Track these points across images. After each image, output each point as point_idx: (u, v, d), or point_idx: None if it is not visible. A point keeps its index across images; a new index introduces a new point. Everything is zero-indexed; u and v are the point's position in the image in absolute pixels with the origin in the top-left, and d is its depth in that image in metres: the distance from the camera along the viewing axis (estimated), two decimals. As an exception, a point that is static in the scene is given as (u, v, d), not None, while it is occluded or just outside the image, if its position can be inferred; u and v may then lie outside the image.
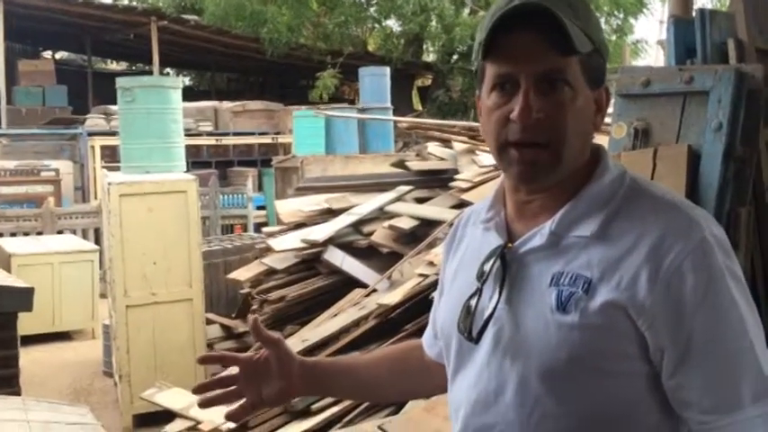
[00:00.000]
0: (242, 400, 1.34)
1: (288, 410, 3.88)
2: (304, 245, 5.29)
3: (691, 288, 1.05)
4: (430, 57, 19.59)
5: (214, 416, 4.00)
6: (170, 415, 4.63)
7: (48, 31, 17.12)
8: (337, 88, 16.68)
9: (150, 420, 5.36)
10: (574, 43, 1.07)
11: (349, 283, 5.02)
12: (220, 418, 3.89)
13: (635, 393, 1.09)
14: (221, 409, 1.41)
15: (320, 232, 5.30)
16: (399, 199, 5.54)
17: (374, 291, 4.68)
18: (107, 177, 6.14)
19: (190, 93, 15.96)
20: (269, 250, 5.62)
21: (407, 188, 5.67)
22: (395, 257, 4.92)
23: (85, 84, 17.21)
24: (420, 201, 5.59)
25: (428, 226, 5.00)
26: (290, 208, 6.10)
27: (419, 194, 5.69)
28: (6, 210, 10.36)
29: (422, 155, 6.65)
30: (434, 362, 1.39)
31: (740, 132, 2.42)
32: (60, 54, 21.73)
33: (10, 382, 4.37)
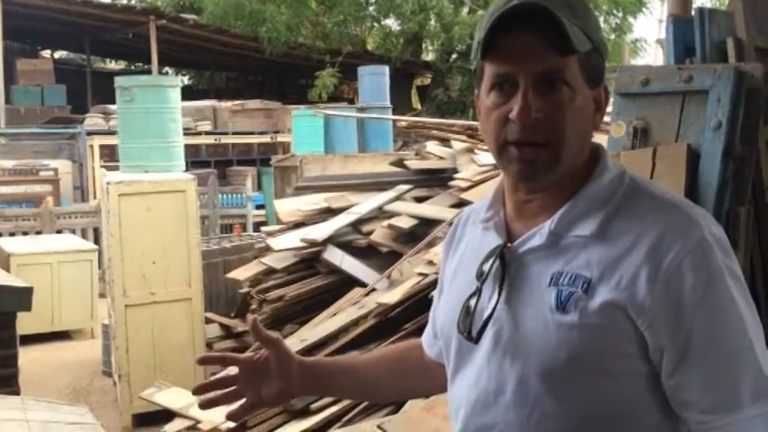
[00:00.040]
0: (242, 401, 1.34)
1: (287, 410, 3.88)
2: (303, 244, 5.28)
3: (690, 287, 1.05)
4: (429, 56, 19.60)
5: (213, 415, 4.00)
6: (169, 414, 4.63)
7: (46, 31, 17.10)
8: (336, 87, 16.68)
9: (149, 420, 5.36)
10: (572, 43, 1.06)
11: (348, 283, 5.02)
12: (219, 418, 3.90)
13: (634, 393, 1.09)
14: (221, 409, 1.41)
15: (319, 231, 5.30)
16: (398, 198, 5.53)
17: (373, 290, 4.67)
18: (106, 177, 6.13)
19: (189, 92, 15.95)
20: (268, 249, 5.62)
21: (406, 187, 5.66)
22: (394, 257, 4.92)
23: (84, 83, 17.20)
24: (419, 200, 5.59)
25: (427, 225, 5.00)
26: (289, 207, 6.09)
27: (418, 193, 5.69)
28: (5, 209, 10.35)
29: (421, 154, 6.65)
30: (434, 361, 1.39)
31: (739, 131, 2.42)
32: (59, 53, 21.70)
33: (9, 382, 4.36)
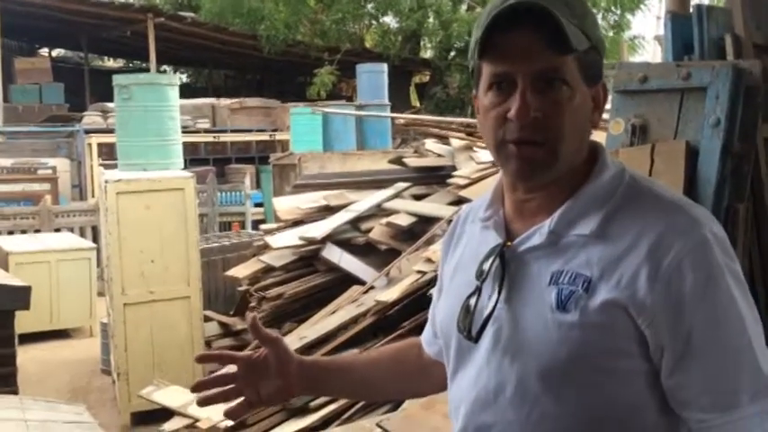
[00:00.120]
0: (240, 399, 1.34)
1: (285, 408, 3.88)
2: (302, 242, 5.28)
3: (690, 286, 1.05)
4: (427, 53, 19.58)
5: (212, 413, 4.00)
6: (168, 413, 4.64)
7: (44, 29, 17.06)
8: (335, 85, 16.66)
9: (148, 418, 5.36)
10: (570, 42, 1.06)
11: (347, 280, 5.02)
12: (218, 416, 3.90)
13: (635, 392, 1.09)
14: (219, 407, 1.41)
15: (318, 229, 5.29)
16: (397, 196, 5.53)
17: (372, 288, 4.67)
18: (104, 175, 6.13)
19: (187, 90, 15.89)
20: (267, 247, 5.61)
21: (405, 185, 5.66)
22: (393, 254, 4.92)
23: (82, 81, 17.17)
24: (418, 197, 5.58)
25: (426, 223, 5.00)
26: (288, 205, 6.09)
27: (417, 191, 5.69)
28: (3, 208, 10.33)
29: (419, 151, 6.65)
30: (433, 360, 1.38)
31: (738, 128, 2.43)
32: (57, 51, 21.65)
33: (7, 381, 4.36)
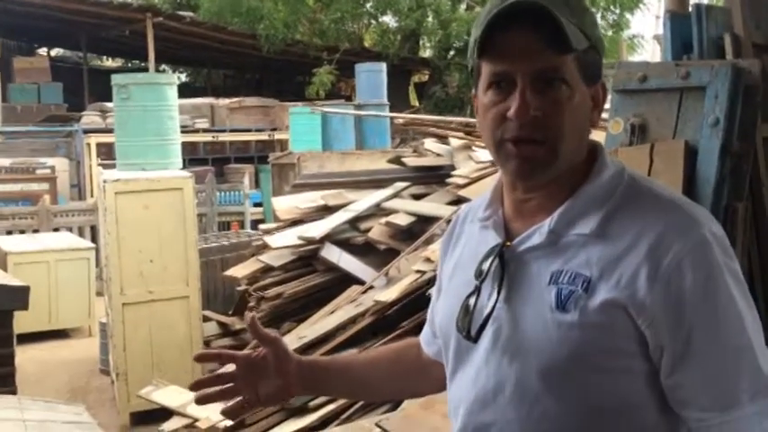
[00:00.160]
0: (238, 398, 1.34)
1: (284, 408, 3.87)
2: (301, 242, 5.28)
3: (690, 286, 1.05)
4: (426, 53, 19.56)
5: (211, 413, 4.00)
6: (167, 413, 4.63)
7: (43, 28, 17.04)
8: (334, 84, 16.64)
9: (147, 418, 5.36)
10: (570, 41, 1.06)
11: (346, 280, 5.01)
12: (217, 416, 3.89)
13: (634, 391, 1.09)
14: (218, 407, 1.41)
15: (317, 229, 5.29)
16: (396, 195, 5.53)
17: (371, 288, 4.67)
18: (103, 175, 6.13)
19: (186, 89, 15.88)
20: (266, 247, 5.61)
21: (404, 184, 5.66)
22: (392, 254, 4.92)
23: (81, 81, 17.14)
24: (417, 197, 5.58)
25: (425, 222, 4.99)
26: (287, 205, 6.09)
27: (416, 191, 5.69)
28: (2, 208, 10.33)
29: (418, 151, 6.65)
30: (432, 360, 1.38)
31: (737, 128, 2.43)
32: (55, 51, 21.63)
33: (6, 381, 4.35)
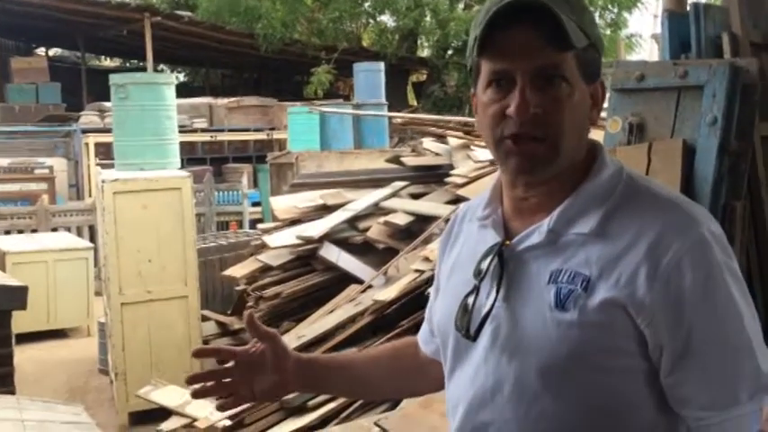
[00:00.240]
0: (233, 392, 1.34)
1: (284, 407, 3.87)
2: (299, 241, 5.28)
3: (689, 285, 1.05)
4: (425, 52, 19.56)
5: (209, 413, 4.00)
6: (166, 412, 4.64)
7: (41, 28, 17.02)
8: (332, 84, 16.63)
9: (146, 418, 5.36)
10: (570, 38, 1.06)
11: (344, 280, 5.01)
12: (215, 416, 3.90)
13: (633, 390, 1.09)
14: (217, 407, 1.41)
15: (315, 228, 5.29)
16: (394, 195, 5.53)
17: (370, 287, 4.67)
18: (101, 174, 6.12)
19: (184, 89, 15.88)
20: (264, 247, 5.61)
21: (402, 184, 5.66)
22: (390, 253, 4.92)
23: (79, 81, 17.12)
24: (415, 196, 5.58)
25: (423, 221, 5.00)
26: (285, 204, 6.08)
27: (414, 190, 5.69)
28: (0, 207, 10.33)
29: (417, 150, 6.65)
30: (430, 359, 1.38)
31: (735, 127, 2.43)
32: (54, 51, 21.60)
33: (4, 381, 4.35)
